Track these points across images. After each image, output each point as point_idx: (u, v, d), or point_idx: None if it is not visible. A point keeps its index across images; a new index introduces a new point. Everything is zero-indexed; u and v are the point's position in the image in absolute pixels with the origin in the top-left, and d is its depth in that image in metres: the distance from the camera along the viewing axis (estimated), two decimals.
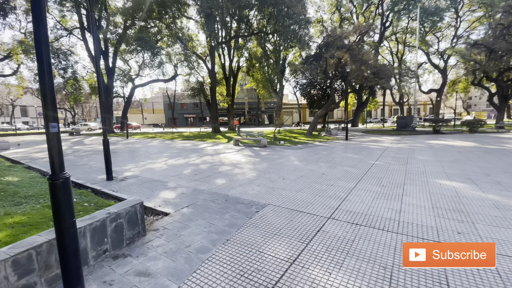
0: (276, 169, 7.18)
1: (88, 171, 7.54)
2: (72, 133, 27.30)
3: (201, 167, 7.62)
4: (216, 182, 5.77)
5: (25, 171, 7.18)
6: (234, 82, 32.01)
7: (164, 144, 15.08)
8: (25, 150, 12.97)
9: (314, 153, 10.19)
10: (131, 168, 7.70)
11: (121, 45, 28.81)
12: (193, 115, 56.94)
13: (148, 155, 10.61)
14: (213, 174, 6.61)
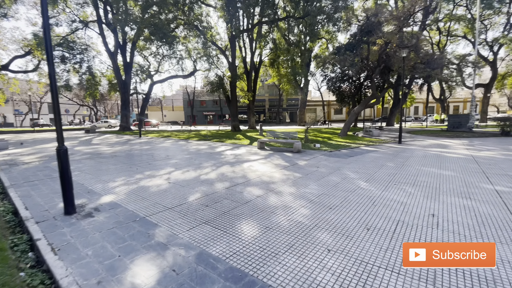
0: (337, 197, 4.46)
1: (59, 189, 5.28)
2: (88, 130, 26.21)
3: (216, 189, 5.09)
4: (240, 232, 3.17)
5: None
6: (256, 77, 29.47)
7: (176, 146, 12.84)
8: (20, 151, 11.29)
9: (375, 165, 7.31)
10: (117, 186, 5.36)
11: (139, 38, 27.31)
12: (212, 113, 55.24)
13: (152, 161, 8.31)
14: (235, 208, 4.03)
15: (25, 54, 28.46)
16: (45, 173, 6.72)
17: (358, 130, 22.80)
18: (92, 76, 28.11)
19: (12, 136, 22.28)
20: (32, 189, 5.27)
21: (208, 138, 16.93)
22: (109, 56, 27.32)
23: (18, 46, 29.05)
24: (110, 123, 40.41)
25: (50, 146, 13.54)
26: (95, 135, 21.89)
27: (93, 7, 25.74)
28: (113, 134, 23.48)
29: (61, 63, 24.61)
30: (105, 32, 27.17)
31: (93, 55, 28.95)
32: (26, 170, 7.17)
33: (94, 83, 28.73)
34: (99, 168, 7.27)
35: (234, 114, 24.56)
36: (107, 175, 6.37)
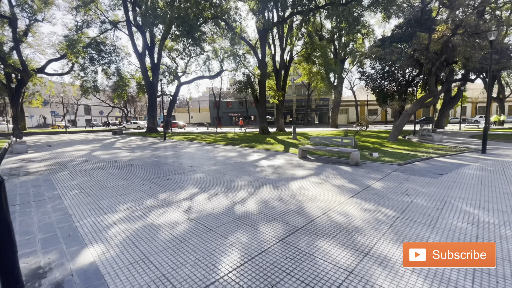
0: None
1: (33, 229, 3.68)
2: (116, 132, 25.93)
3: (263, 240, 3.12)
4: None
5: None
6: (286, 76, 27.35)
7: (202, 152, 11.16)
8: (35, 156, 10.33)
9: (496, 191, 4.88)
10: (114, 224, 3.59)
11: (166, 38, 26.60)
12: (238, 114, 53.96)
13: (172, 174, 6.59)
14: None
15: (60, 57, 29.10)
16: (38, 191, 5.24)
17: (407, 134, 19.67)
18: (120, 77, 27.94)
19: (44, 137, 22.47)
20: None
21: (236, 142, 15.15)
22: (137, 57, 26.95)
23: (54, 50, 29.88)
24: (139, 124, 40.76)
25: (70, 149, 12.63)
26: (121, 137, 21.25)
27: (123, 9, 25.48)
28: (138, 136, 22.77)
29: (90, 64, 24.54)
30: (134, 33, 26.86)
31: (122, 56, 28.87)
32: (20, 184, 5.80)
33: (122, 84, 28.56)
34: (104, 185, 5.67)
35: (262, 115, 22.63)
36: (110, 199, 4.69)
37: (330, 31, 32.54)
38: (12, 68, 19.39)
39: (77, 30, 24.75)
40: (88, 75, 26.09)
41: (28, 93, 29.18)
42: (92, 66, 25.45)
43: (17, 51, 19.47)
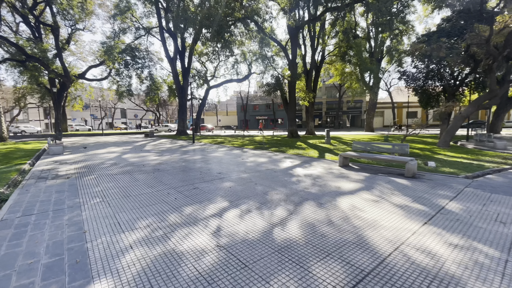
0: None
1: (40, 249, 3.19)
2: (147, 134, 26.67)
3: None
4: None
5: None
6: (317, 77, 26.12)
7: (230, 156, 10.54)
8: (68, 158, 10.50)
9: None
10: (130, 248, 2.97)
11: (196, 42, 26.91)
12: (265, 117, 53.34)
13: (199, 182, 5.98)
14: None
15: (99, 64, 30.85)
16: (59, 199, 4.90)
17: (458, 139, 17.39)
18: (152, 81, 28.79)
19: (82, 138, 23.73)
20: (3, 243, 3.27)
21: (264, 146, 14.38)
22: (169, 62, 27.56)
23: (94, 57, 31.81)
24: (170, 127, 41.97)
25: (102, 152, 12.82)
26: (152, 140, 21.64)
27: (156, 16, 26.28)
28: (168, 139, 23.05)
29: (124, 68, 25.54)
30: (166, 38, 27.56)
31: (155, 61, 29.77)
32: (45, 190, 5.56)
33: (154, 88, 29.41)
34: (128, 194, 5.20)
35: (292, 118, 21.61)
36: (130, 211, 4.15)
37: (364, 29, 30.69)
38: (55, 74, 20.79)
39: (114, 37, 25.96)
40: (123, 79, 27.23)
41: (70, 98, 31.31)
42: (127, 70, 26.51)
43: (59, 58, 20.87)
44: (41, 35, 25.01)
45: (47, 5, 21.73)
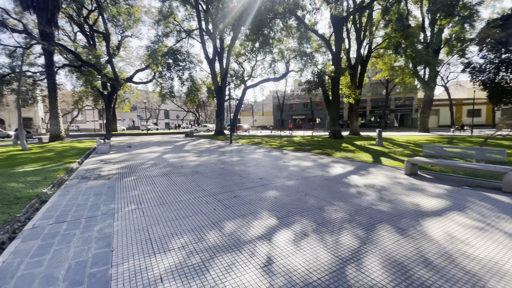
0: None
1: (61, 266, 2.71)
2: (187, 134, 27.37)
3: None
4: None
5: None
6: (362, 72, 24.06)
7: (270, 159, 9.75)
8: (113, 157, 10.76)
9: None
10: (159, 283, 2.32)
11: (234, 42, 26.82)
12: (302, 116, 51.59)
13: (239, 189, 5.28)
14: None
15: (145, 68, 32.67)
16: (95, 203, 4.60)
17: None
18: (193, 82, 29.49)
19: (128, 138, 25.23)
20: (39, 250, 2.89)
21: (305, 147, 13.29)
22: (208, 63, 27.95)
23: (140, 62, 33.82)
24: (208, 127, 43.01)
25: (145, 151, 13.06)
26: (192, 140, 21.97)
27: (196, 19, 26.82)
28: (207, 138, 23.22)
29: (167, 71, 26.49)
30: (205, 41, 28.00)
31: (195, 63, 30.48)
32: (84, 192, 5.38)
33: (194, 89, 30.12)
34: (164, 200, 4.71)
35: (334, 117, 20.01)
36: (165, 225, 3.58)
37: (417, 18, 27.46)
38: (106, 78, 22.41)
39: (157, 41, 27.14)
40: (165, 82, 28.37)
41: (120, 100, 33.76)
42: (169, 73, 27.53)
43: (110, 63, 22.47)
44: (95, 43, 27.29)
45: (99, 15, 23.52)
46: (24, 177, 6.48)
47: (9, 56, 18.26)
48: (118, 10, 23.18)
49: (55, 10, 16.91)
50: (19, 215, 4.05)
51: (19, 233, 3.43)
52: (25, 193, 5.04)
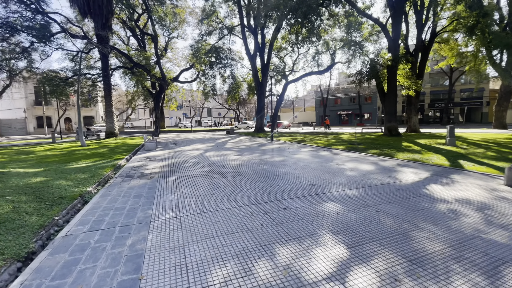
0: None
1: None
2: (228, 131, 27.45)
3: None
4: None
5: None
6: (424, 60, 21.01)
7: (320, 160, 8.67)
8: (158, 154, 10.85)
9: None
10: None
11: (279, 31, 25.88)
12: (348, 112, 48.18)
13: (288, 197, 4.43)
14: None
15: (189, 67, 33.76)
16: (133, 207, 4.22)
17: None
18: (234, 79, 29.45)
19: (175, 135, 26.28)
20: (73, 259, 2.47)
21: (358, 146, 11.77)
22: (249, 59, 27.55)
23: (185, 62, 35.08)
24: (248, 124, 42.98)
25: (188, 148, 13.05)
26: (232, 137, 21.82)
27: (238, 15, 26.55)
28: (247, 136, 22.86)
29: (209, 69, 26.81)
30: (247, 37, 27.61)
31: (236, 60, 30.37)
32: (125, 193, 5.12)
33: (235, 86, 30.08)
34: (204, 207, 4.12)
35: (391, 111, 17.72)
36: (203, 243, 2.93)
37: None
38: (155, 78, 23.56)
39: (200, 39, 27.62)
40: (208, 80, 28.85)
41: (167, 99, 35.57)
42: (211, 71, 27.87)
43: (158, 64, 23.57)
44: (145, 45, 29.00)
45: (148, 18, 24.76)
46: (74, 174, 6.61)
47: (72, 60, 20.26)
48: (165, 11, 24.09)
49: (109, 15, 18.13)
50: (58, 218, 3.84)
51: (50, 242, 3.12)
52: (70, 192, 4.95)
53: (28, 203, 4.21)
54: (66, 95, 20.29)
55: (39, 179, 5.79)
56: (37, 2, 15.74)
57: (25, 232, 3.25)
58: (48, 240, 3.29)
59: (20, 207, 4.01)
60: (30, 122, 36.33)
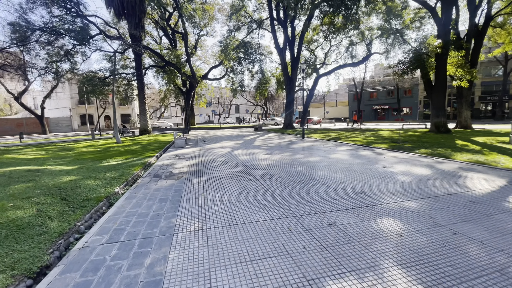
0: None
1: None
2: (256, 128, 26.98)
3: None
4: None
5: None
6: (477, 47, 18.45)
7: (362, 160, 7.72)
8: (187, 152, 10.66)
9: None
10: None
11: (311, 19, 24.67)
12: (385, 106, 44.86)
13: (335, 211, 3.71)
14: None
15: (218, 64, 33.84)
16: (157, 214, 3.84)
17: None
18: (262, 74, 28.81)
19: (204, 132, 26.49)
20: None
21: (401, 144, 10.45)
22: (278, 53, 26.67)
23: (214, 59, 35.26)
24: (276, 120, 42.18)
25: (216, 146, 12.76)
26: (261, 134, 21.28)
27: (267, 9, 25.76)
28: (276, 133, 22.13)
29: (238, 65, 26.46)
30: (276, 30, 26.74)
31: (265, 54, 29.67)
32: (151, 195, 4.80)
33: (263, 81, 29.44)
34: (233, 219, 3.58)
35: (439, 105, 15.72)
36: (233, 270, 2.37)
37: None
38: (185, 76, 23.89)
39: (229, 35, 27.36)
40: (236, 76, 28.58)
41: (197, 96, 36.18)
42: (240, 66, 27.52)
43: (188, 62, 23.85)
44: (176, 44, 29.60)
45: (179, 16, 25.08)
46: (105, 172, 6.53)
47: (109, 61, 21.23)
48: (194, 8, 24.18)
49: (142, 15, 18.56)
50: (80, 224, 3.58)
51: (66, 255, 2.80)
52: (97, 193, 4.75)
53: (53, 205, 4.04)
54: (104, 94, 21.37)
55: (69, 178, 5.75)
56: (77, 6, 16.55)
57: (42, 240, 2.99)
58: (67, 250, 3.00)
59: (44, 210, 3.83)
60: (74, 120, 39.47)
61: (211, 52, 38.03)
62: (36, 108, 34.93)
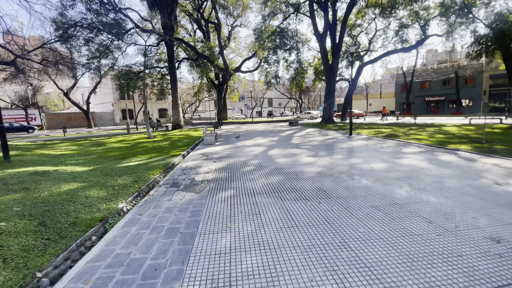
0: None
1: None
2: (292, 122, 24.99)
3: None
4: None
5: None
6: None
7: (454, 171, 5.54)
8: (215, 151, 9.35)
9: None
10: None
11: (352, 8, 21.82)
12: (440, 97, 39.14)
13: (464, 281, 1.91)
14: None
15: (251, 56, 32.34)
16: (163, 249, 2.41)
17: None
18: (299, 64, 26.56)
19: (236, 126, 25.34)
20: None
21: (493, 147, 7.80)
22: (317, 39, 24.14)
23: (248, 51, 33.81)
24: (312, 114, 39.54)
25: (249, 144, 11.27)
26: (297, 129, 19.32)
27: None
28: (315, 128, 19.94)
29: (273, 53, 24.61)
30: (315, 14, 24.22)
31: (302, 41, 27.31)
32: (163, 212, 3.44)
33: (300, 71, 27.18)
34: None
35: None
36: None
37: None
38: (218, 69, 22.86)
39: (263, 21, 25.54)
40: (271, 66, 26.78)
41: (230, 90, 35.24)
42: (275, 55, 25.66)
43: (221, 54, 22.76)
44: (209, 36, 28.75)
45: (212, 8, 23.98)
46: (118, 177, 5.45)
47: (143, 55, 20.99)
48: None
49: (174, 5, 17.78)
50: (43, 272, 2.30)
51: None
52: (92, 213, 3.54)
53: (22, 235, 2.86)
54: (139, 88, 21.31)
55: (72, 186, 4.70)
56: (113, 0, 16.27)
57: None
58: None
59: (4, 245, 2.65)
60: (116, 114, 41.53)
61: (245, 43, 36.56)
62: (84, 104, 37.31)
